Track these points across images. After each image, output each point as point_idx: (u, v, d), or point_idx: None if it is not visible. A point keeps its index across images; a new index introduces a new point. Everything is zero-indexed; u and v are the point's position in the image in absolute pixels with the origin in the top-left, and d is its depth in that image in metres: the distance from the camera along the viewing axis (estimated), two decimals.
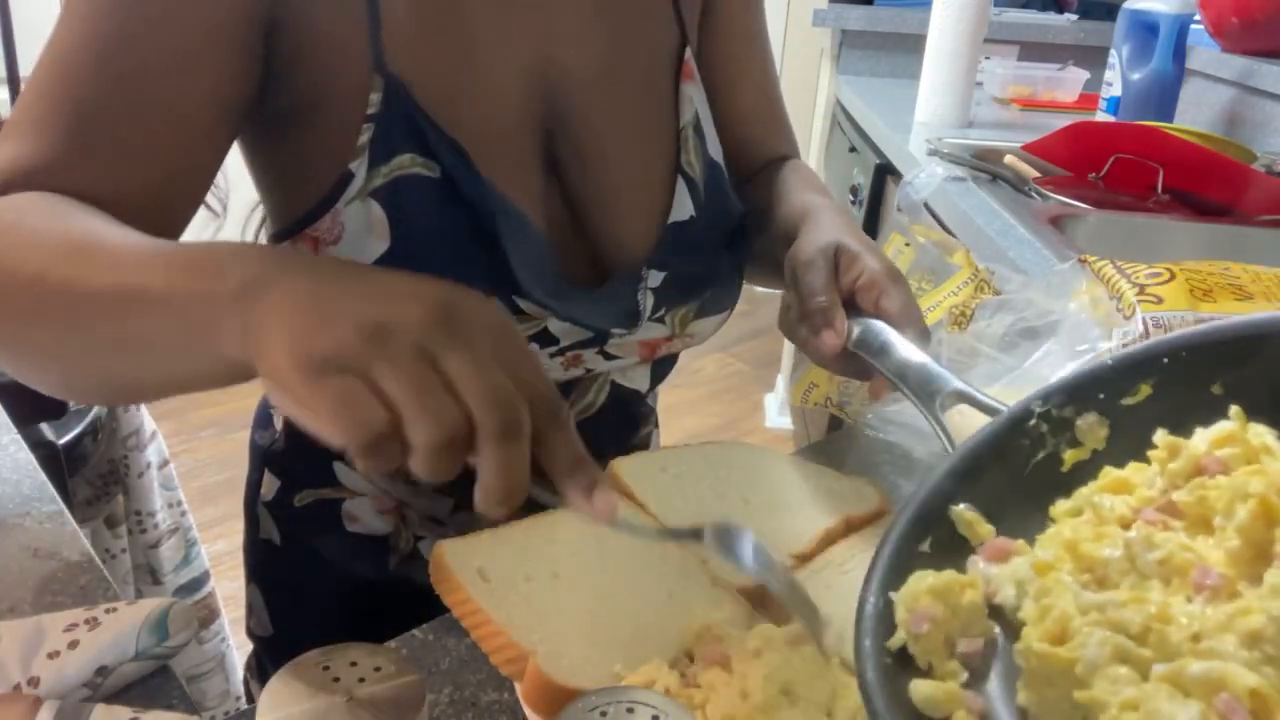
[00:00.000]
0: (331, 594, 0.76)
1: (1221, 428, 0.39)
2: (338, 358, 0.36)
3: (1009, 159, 1.48)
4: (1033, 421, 0.44)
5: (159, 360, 0.45)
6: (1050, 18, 2.50)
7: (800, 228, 0.67)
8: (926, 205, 1.33)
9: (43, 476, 0.69)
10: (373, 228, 0.58)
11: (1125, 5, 1.68)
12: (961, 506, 0.43)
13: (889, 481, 0.66)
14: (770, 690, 0.44)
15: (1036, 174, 1.42)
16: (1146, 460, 0.41)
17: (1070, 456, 0.44)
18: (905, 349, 0.57)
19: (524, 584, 0.51)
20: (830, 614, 0.46)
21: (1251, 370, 0.41)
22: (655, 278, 0.67)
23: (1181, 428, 0.41)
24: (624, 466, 0.63)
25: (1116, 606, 0.35)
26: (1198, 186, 1.39)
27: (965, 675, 0.38)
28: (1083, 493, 0.42)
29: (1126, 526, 0.38)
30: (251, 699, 0.91)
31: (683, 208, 0.68)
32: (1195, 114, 1.80)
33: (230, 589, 1.94)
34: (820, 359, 0.62)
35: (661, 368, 0.77)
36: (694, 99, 0.70)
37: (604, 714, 0.38)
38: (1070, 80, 2.13)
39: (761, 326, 3.52)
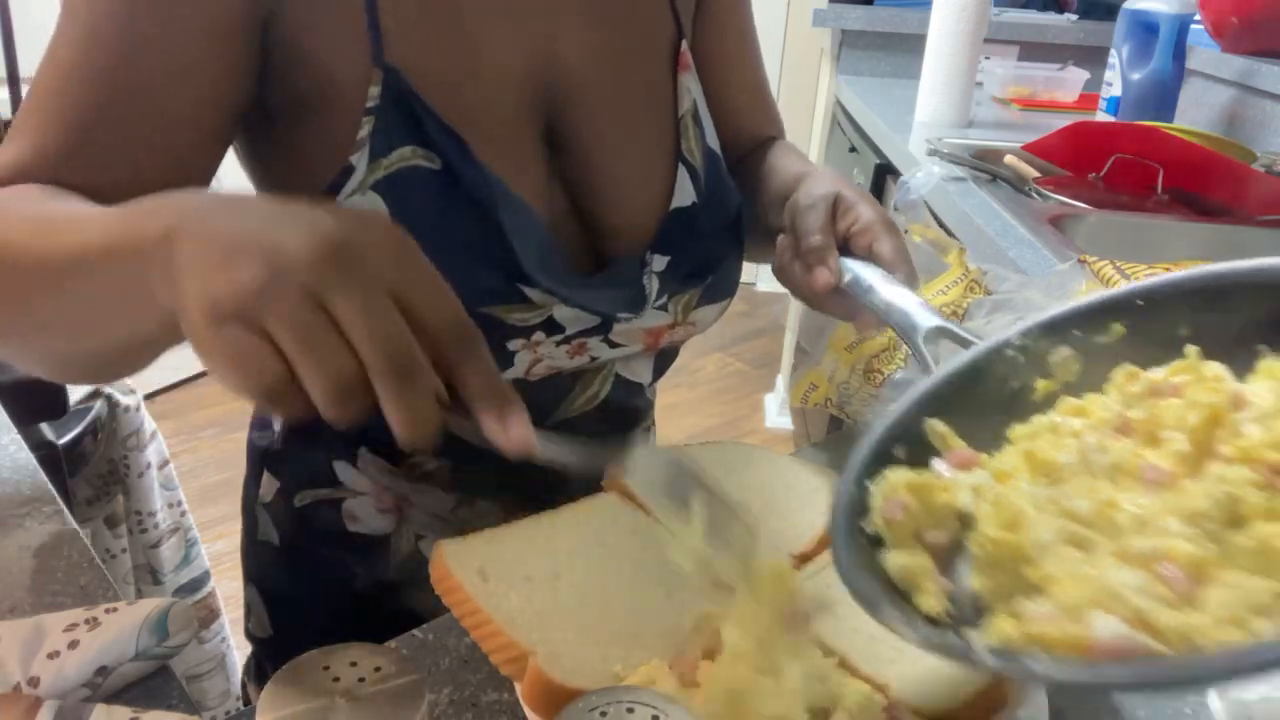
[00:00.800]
0: (331, 594, 0.76)
1: (1179, 363, 0.42)
2: (233, 306, 0.35)
3: (1009, 159, 1.48)
4: (1010, 352, 0.47)
5: (108, 320, 0.45)
6: (1050, 18, 2.50)
7: (796, 186, 0.70)
8: (927, 205, 1.33)
9: (43, 476, 0.69)
10: None
11: (1125, 5, 1.68)
12: (935, 420, 0.45)
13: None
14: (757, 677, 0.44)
15: (1036, 174, 1.42)
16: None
17: (1042, 387, 0.47)
18: (892, 290, 0.61)
19: (524, 584, 0.51)
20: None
21: (1216, 315, 0.44)
22: (659, 262, 0.68)
23: (1148, 366, 0.44)
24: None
25: (1068, 497, 0.38)
26: (1198, 186, 1.39)
27: (933, 565, 0.40)
28: (1039, 419, 0.44)
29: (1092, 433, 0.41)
30: (249, 702, 0.90)
31: (684, 194, 0.69)
32: (1195, 114, 1.80)
33: (230, 589, 1.94)
34: (812, 297, 0.65)
35: (663, 361, 0.77)
36: (691, 90, 0.71)
37: (604, 714, 0.38)
38: (1070, 80, 2.13)
39: (761, 326, 3.53)
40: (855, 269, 0.63)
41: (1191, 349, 0.42)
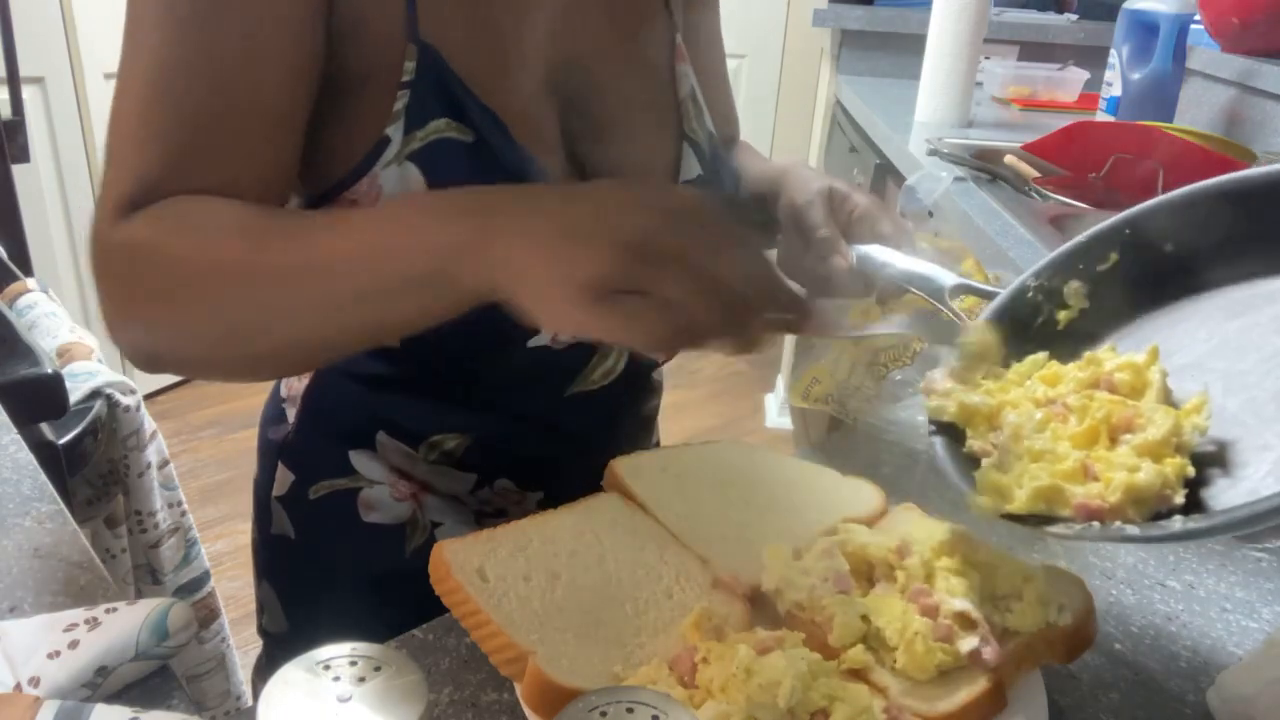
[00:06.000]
0: (348, 586, 0.77)
1: (1130, 357, 0.51)
2: (612, 279, 0.42)
3: (1009, 159, 1.48)
4: (1030, 294, 0.57)
5: (392, 308, 0.50)
6: (1050, 18, 2.50)
7: (781, 182, 0.75)
8: (931, 212, 1.32)
9: (43, 476, 0.69)
10: (411, 189, 0.60)
11: (1125, 5, 1.68)
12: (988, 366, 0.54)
13: (889, 481, 0.66)
14: (765, 697, 0.45)
15: (1036, 174, 1.42)
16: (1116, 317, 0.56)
17: (1063, 317, 0.56)
18: (906, 260, 0.67)
19: (524, 584, 0.51)
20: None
21: (1192, 229, 0.53)
22: None
23: (1146, 281, 0.55)
24: (624, 466, 0.63)
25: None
26: None
27: None
28: (1034, 362, 0.54)
29: (1042, 405, 0.51)
30: (257, 698, 0.91)
31: (691, 168, 0.72)
32: (1195, 114, 1.80)
33: (230, 589, 1.94)
34: (829, 283, 0.70)
35: None
36: (688, 76, 0.74)
37: (604, 714, 0.38)
38: (1070, 80, 2.13)
39: None
40: (864, 250, 0.69)
41: (1153, 347, 0.51)
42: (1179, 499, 0.44)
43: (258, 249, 0.51)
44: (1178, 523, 0.42)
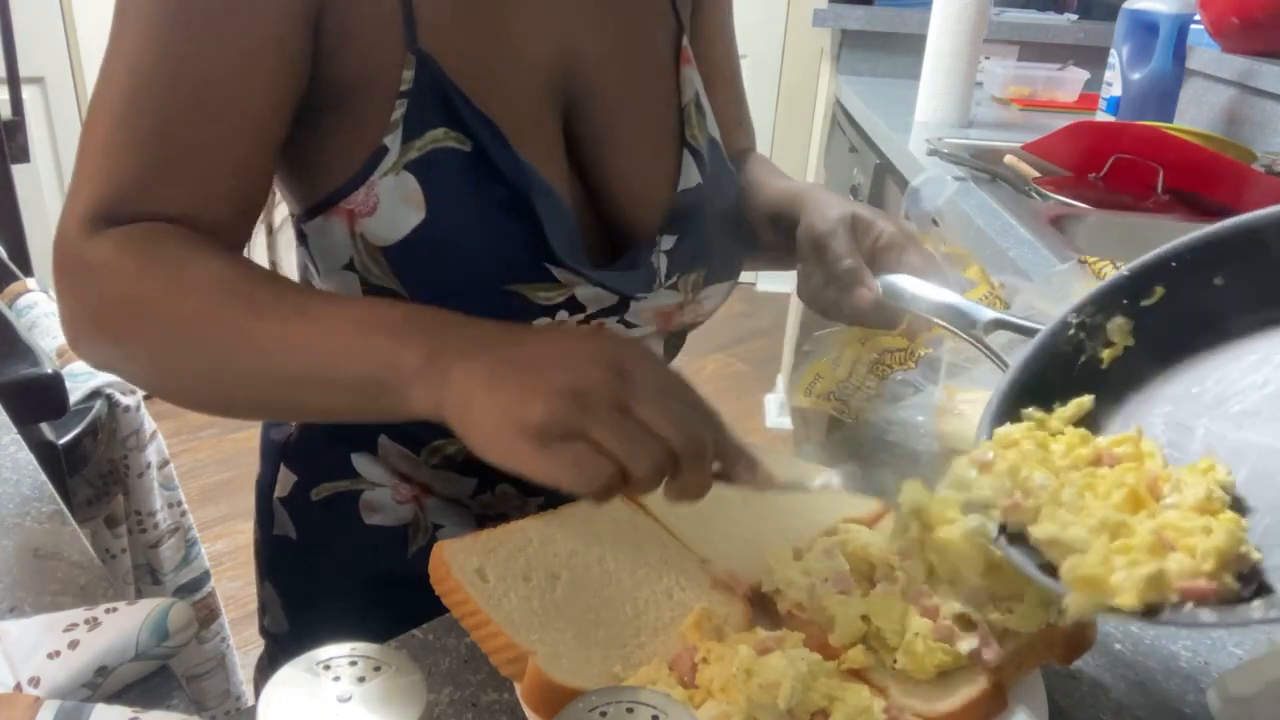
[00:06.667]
0: (350, 587, 0.77)
1: (1121, 435, 0.48)
2: (554, 425, 0.43)
3: (1009, 159, 1.48)
4: (1071, 331, 0.53)
5: (333, 400, 0.52)
6: (1050, 18, 2.50)
7: (800, 206, 0.73)
8: (935, 220, 1.32)
9: (43, 476, 0.69)
10: (408, 199, 0.60)
11: (1125, 5, 1.68)
12: (1030, 409, 0.51)
13: (889, 481, 0.66)
14: (765, 697, 0.45)
15: (1036, 174, 1.42)
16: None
17: (1107, 355, 0.53)
18: (936, 292, 0.65)
19: (524, 584, 0.51)
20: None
21: (1245, 262, 0.49)
22: (668, 242, 0.70)
23: (1192, 318, 0.51)
24: None
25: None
26: (1198, 186, 1.39)
27: None
28: (1078, 406, 0.51)
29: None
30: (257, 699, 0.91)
31: (690, 176, 0.72)
32: (1195, 114, 1.80)
33: (230, 589, 1.94)
34: (853, 315, 0.69)
35: (672, 345, 0.78)
36: (693, 80, 0.74)
37: (604, 714, 0.38)
38: (1070, 80, 2.13)
39: (762, 327, 3.52)
40: (890, 280, 0.67)
41: (1138, 426, 0.48)
42: (1257, 554, 0.41)
43: (223, 311, 0.52)
44: (1258, 610, 0.39)
